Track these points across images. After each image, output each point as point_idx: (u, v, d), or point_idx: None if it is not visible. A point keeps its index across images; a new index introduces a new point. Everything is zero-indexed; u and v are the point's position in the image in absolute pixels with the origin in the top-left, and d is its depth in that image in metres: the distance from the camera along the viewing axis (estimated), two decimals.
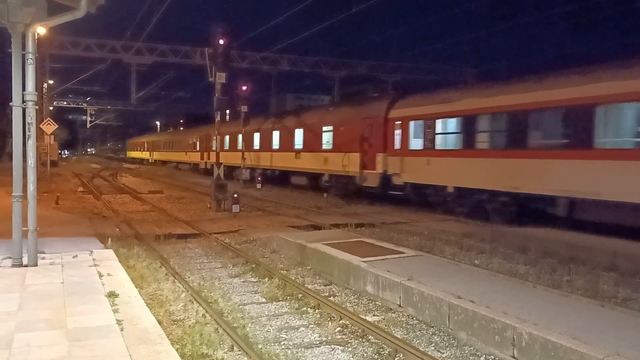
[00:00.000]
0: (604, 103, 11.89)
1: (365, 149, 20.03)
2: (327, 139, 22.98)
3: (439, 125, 17.03)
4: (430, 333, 6.59)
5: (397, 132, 18.70)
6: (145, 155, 71.91)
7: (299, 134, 25.41)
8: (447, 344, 6.25)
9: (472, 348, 6.07)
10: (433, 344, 6.26)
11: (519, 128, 14.02)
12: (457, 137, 16.23)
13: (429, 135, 17.27)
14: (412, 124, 18.08)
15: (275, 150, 27.99)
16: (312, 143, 23.90)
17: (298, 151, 25.19)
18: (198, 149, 43.67)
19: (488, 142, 15.30)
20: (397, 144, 18.70)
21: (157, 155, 63.59)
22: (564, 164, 12.76)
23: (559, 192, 12.87)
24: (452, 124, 16.51)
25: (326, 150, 22.84)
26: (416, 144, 17.88)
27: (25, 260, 8.05)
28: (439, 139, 17.02)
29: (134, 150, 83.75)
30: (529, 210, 14.16)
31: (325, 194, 21.82)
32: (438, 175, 16.77)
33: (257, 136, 30.28)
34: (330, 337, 6.42)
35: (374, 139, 19.64)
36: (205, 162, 40.14)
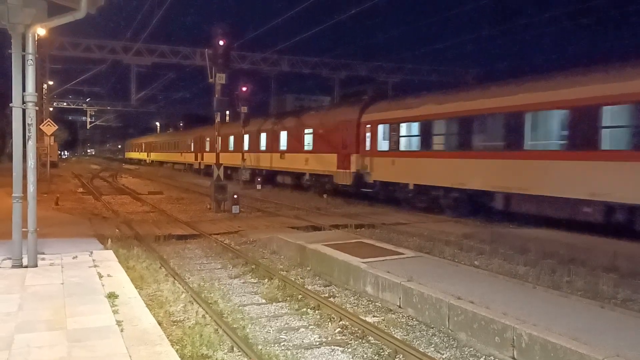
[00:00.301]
0: (532, 110, 13.78)
1: (341, 150, 21.74)
2: (307, 141, 24.83)
3: (403, 128, 18.92)
4: (430, 334, 6.59)
5: (368, 134, 20.41)
6: (142, 155, 73.73)
7: (283, 136, 27.33)
8: (447, 345, 6.25)
9: (472, 349, 6.07)
10: (433, 345, 6.26)
11: (466, 131, 16.02)
12: (417, 139, 18.17)
13: (394, 138, 19.18)
14: (380, 127, 19.86)
15: (263, 152, 29.58)
16: (295, 145, 25.74)
17: (283, 152, 27.20)
18: (192, 150, 45.22)
19: (442, 144, 17.08)
20: (368, 146, 20.41)
21: (154, 156, 65.70)
22: (500, 163, 14.62)
23: (497, 187, 14.72)
24: (414, 127, 18.42)
25: (307, 152, 24.73)
26: (384, 145, 19.70)
27: (25, 261, 8.05)
28: (402, 141, 18.93)
29: (132, 151, 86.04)
30: (475, 204, 15.89)
31: (325, 195, 21.98)
32: (401, 174, 18.58)
33: (246, 138, 31.65)
34: (330, 338, 6.42)
35: (348, 141, 21.34)
36: (199, 163, 42.28)
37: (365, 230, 14.30)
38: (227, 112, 39.37)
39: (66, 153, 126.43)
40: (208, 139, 39.36)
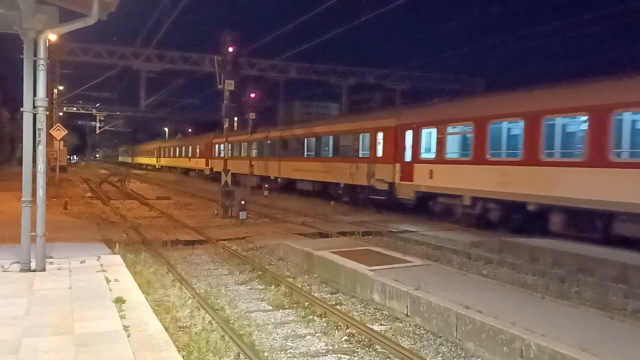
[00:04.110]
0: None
1: (206, 156, 42.31)
2: (197, 152, 46.52)
3: (221, 146, 34.32)
4: (438, 343, 6.54)
5: (215, 147, 39.85)
6: (129, 159, 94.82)
7: (190, 149, 50.01)
8: (454, 355, 6.20)
9: (479, 359, 6.02)
10: (440, 355, 6.22)
11: (237, 149, 35.43)
12: (230, 151, 31.20)
13: (217, 150, 38.66)
14: (216, 145, 39.27)
15: (184, 157, 53.78)
16: (195, 153, 47.19)
17: (190, 158, 50.02)
18: (155, 155, 68.92)
19: (234, 154, 34.45)
20: (215, 154, 39.69)
21: (136, 160, 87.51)
22: (238, 162, 32.92)
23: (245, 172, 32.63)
24: (230, 145, 32.24)
25: (196, 157, 46.82)
26: (216, 153, 39.30)
27: (33, 265, 8.09)
28: (221, 152, 34.20)
29: (123, 156, 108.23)
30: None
31: (332, 202, 22.12)
32: (220, 166, 36.36)
33: (178, 148, 56.02)
34: (336, 346, 6.39)
35: (208, 152, 41.81)
36: (159, 164, 66.31)
37: (373, 238, 14.26)
38: (235, 119, 40.09)
39: (75, 157, 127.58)
40: (163, 149, 64.43)
